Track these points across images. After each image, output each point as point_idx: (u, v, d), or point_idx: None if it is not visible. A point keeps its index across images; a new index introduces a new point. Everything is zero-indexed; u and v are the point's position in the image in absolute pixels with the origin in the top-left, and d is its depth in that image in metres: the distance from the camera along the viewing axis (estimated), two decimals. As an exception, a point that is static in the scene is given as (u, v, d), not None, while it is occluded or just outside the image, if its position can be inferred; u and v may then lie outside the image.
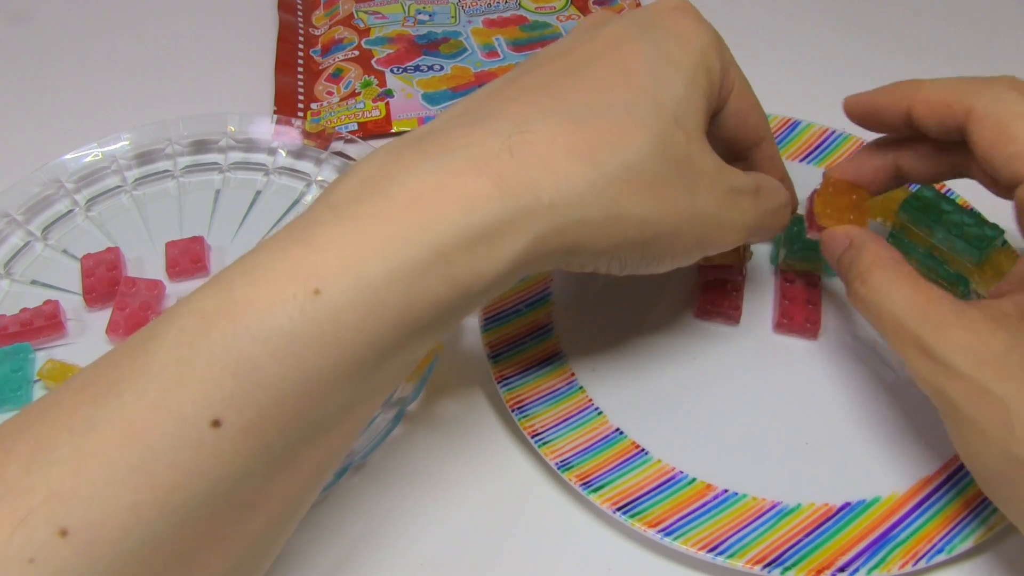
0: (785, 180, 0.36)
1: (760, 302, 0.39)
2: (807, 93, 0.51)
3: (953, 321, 0.28)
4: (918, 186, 0.37)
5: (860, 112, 0.34)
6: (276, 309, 0.22)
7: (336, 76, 0.52)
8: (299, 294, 0.22)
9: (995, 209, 0.35)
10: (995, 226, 0.36)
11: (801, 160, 0.44)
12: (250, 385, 0.22)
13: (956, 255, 0.36)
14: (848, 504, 0.33)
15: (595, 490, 0.32)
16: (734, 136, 0.34)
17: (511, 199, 0.25)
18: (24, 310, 0.39)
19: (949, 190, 0.42)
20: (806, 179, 0.44)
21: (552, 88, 0.28)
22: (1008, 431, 0.27)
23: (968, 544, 0.31)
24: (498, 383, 0.35)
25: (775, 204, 0.33)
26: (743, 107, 0.33)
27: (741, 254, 0.38)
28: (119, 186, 0.45)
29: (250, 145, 0.47)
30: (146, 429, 0.21)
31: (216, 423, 0.21)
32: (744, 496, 0.33)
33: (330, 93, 0.50)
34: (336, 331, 0.22)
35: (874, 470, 0.33)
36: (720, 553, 0.31)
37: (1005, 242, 0.37)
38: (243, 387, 0.22)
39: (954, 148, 0.32)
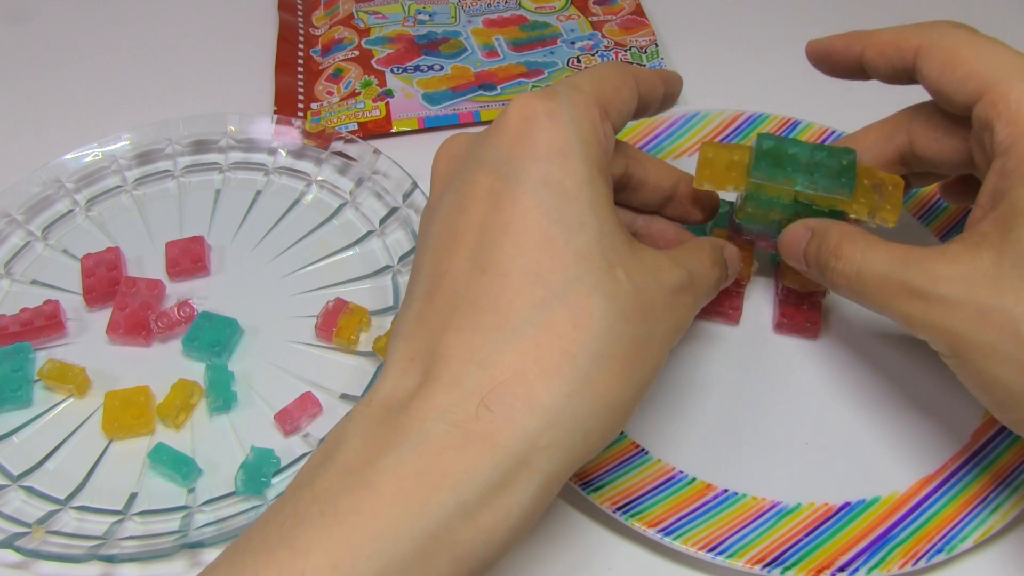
0: (709, 209, 0.37)
1: (760, 302, 0.39)
2: (807, 93, 0.51)
3: (935, 258, 0.28)
4: (758, 139, 0.35)
5: (817, 55, 0.35)
6: None
7: (336, 76, 0.52)
8: None
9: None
10: (846, 149, 0.34)
11: (801, 160, 0.44)
12: None
13: (825, 194, 0.34)
14: (848, 504, 0.33)
15: (595, 490, 0.32)
16: (649, 199, 0.35)
17: (504, 458, 0.23)
18: (24, 310, 0.39)
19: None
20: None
21: (481, 298, 0.25)
22: (1019, 342, 0.26)
23: (968, 544, 0.31)
24: (498, 383, 0.35)
25: (709, 286, 0.32)
26: (643, 171, 0.34)
27: (748, 268, 0.38)
28: (119, 186, 0.45)
29: (250, 145, 0.47)
30: None
31: None
32: (744, 496, 0.33)
33: (330, 93, 0.50)
34: None
35: (874, 470, 0.34)
36: (720, 553, 0.31)
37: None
38: None
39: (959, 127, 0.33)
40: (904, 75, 0.32)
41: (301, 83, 0.51)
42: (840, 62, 0.34)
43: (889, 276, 0.29)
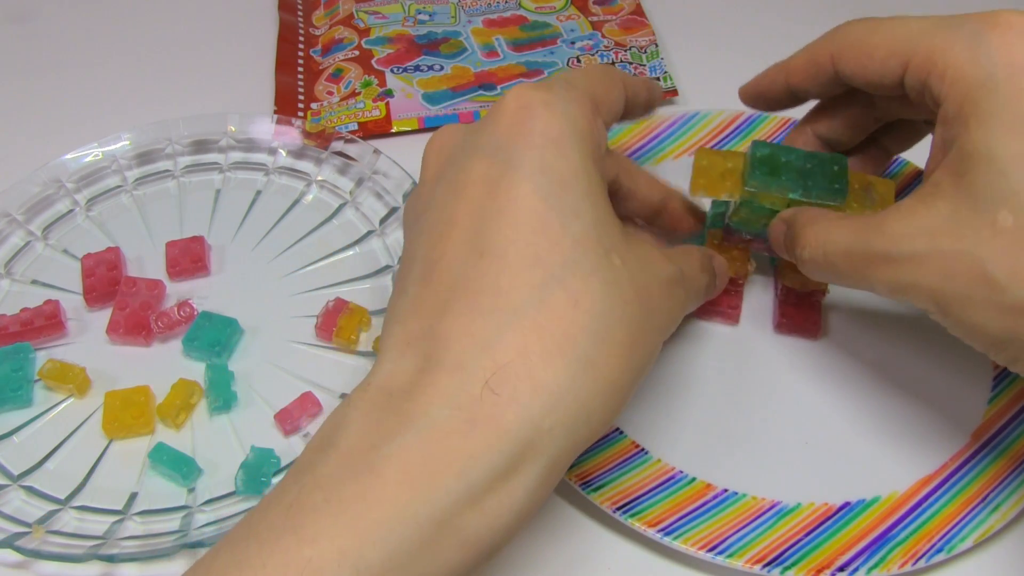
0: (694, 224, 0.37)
1: (760, 302, 0.39)
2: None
3: (891, 218, 0.28)
4: (752, 147, 0.35)
5: (750, 97, 0.36)
6: None
7: (336, 76, 0.52)
8: None
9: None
10: (837, 156, 0.35)
11: (801, 160, 0.44)
12: None
13: (819, 201, 0.34)
14: (848, 504, 0.33)
15: (595, 490, 0.32)
16: (639, 209, 0.35)
17: (510, 441, 0.23)
18: (24, 310, 0.39)
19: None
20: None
21: (479, 281, 0.25)
22: (989, 286, 0.26)
23: (967, 544, 0.31)
24: (498, 383, 0.35)
25: (699, 287, 0.33)
26: (633, 182, 0.34)
27: (745, 267, 0.38)
28: (119, 186, 0.45)
29: (250, 145, 0.47)
30: None
31: None
32: (744, 496, 0.33)
33: (330, 93, 0.50)
34: None
35: (874, 470, 0.34)
36: (720, 552, 0.31)
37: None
38: None
39: (857, 101, 0.35)
40: (834, 86, 0.33)
41: (301, 83, 0.51)
42: (773, 96, 0.35)
43: (853, 249, 0.29)
